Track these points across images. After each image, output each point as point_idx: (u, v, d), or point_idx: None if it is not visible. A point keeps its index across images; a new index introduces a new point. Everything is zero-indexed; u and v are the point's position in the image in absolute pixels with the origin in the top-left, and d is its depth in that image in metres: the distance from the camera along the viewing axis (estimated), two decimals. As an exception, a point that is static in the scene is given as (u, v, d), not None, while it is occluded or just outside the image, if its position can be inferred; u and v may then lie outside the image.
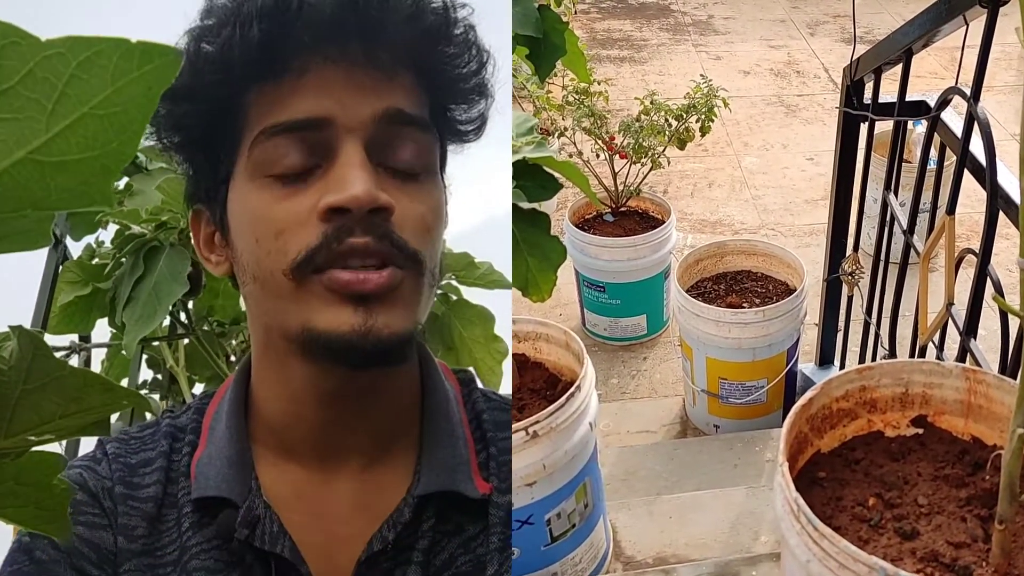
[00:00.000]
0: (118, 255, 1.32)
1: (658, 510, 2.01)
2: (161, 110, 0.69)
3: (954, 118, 1.64)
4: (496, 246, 1.13)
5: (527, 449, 1.49)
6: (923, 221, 1.79)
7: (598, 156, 2.96)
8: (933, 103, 1.63)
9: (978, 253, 1.40)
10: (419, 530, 0.72)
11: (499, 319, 1.38)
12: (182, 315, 1.53)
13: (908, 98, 1.81)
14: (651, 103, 2.84)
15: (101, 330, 1.52)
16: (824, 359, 2.57)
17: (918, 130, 2.87)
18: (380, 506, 0.73)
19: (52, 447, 0.48)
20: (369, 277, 0.64)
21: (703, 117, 2.81)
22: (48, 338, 0.48)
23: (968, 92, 1.37)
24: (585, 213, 2.99)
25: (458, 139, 0.77)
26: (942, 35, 1.57)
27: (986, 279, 1.41)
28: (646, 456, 2.39)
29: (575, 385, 1.55)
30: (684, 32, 5.93)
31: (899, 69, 1.76)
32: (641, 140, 2.79)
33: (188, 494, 0.73)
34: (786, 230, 3.69)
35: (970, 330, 1.47)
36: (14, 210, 0.32)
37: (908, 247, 1.80)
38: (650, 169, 2.87)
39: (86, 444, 1.25)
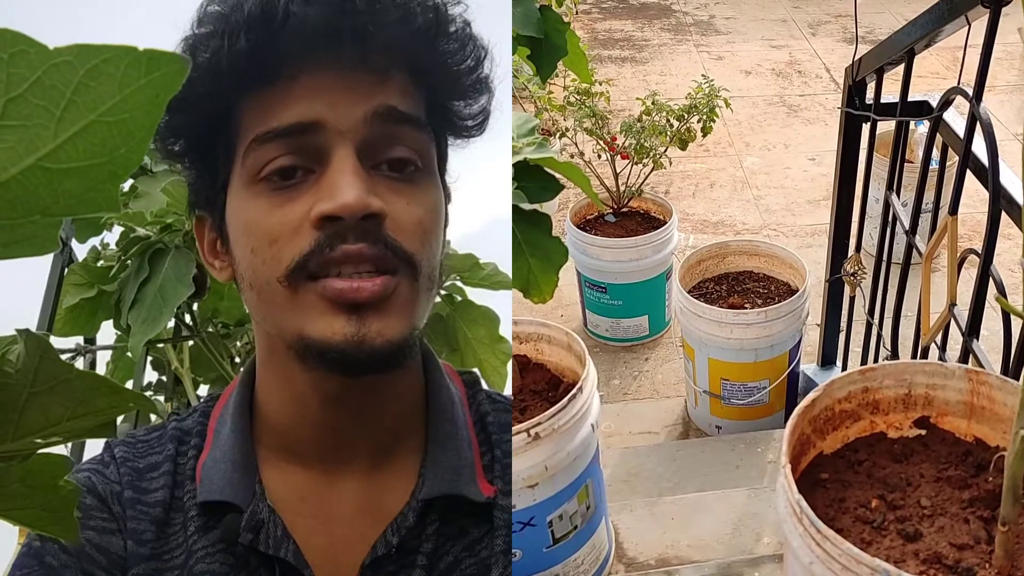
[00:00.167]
0: (123, 257, 1.32)
1: (660, 511, 2.01)
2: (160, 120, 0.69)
3: (956, 118, 1.64)
4: (501, 247, 1.13)
5: (529, 451, 1.49)
6: (925, 221, 1.79)
7: (599, 156, 2.96)
8: (935, 103, 1.63)
9: (980, 253, 1.40)
10: (423, 534, 0.72)
11: (502, 320, 1.38)
12: (187, 317, 1.53)
13: (910, 98, 1.81)
14: (653, 103, 2.84)
15: (106, 332, 1.52)
16: (826, 360, 2.57)
17: (920, 130, 2.87)
18: (384, 509, 0.73)
19: (58, 449, 0.49)
20: (363, 285, 0.64)
21: (705, 117, 2.81)
22: (53, 340, 0.48)
23: (970, 92, 1.37)
24: (586, 214, 2.99)
25: (460, 135, 0.76)
26: (944, 35, 1.57)
27: (988, 280, 1.40)
28: (648, 457, 2.39)
29: (577, 386, 1.55)
30: (685, 32, 5.93)
31: (901, 69, 1.76)
32: (643, 140, 2.79)
33: (194, 498, 0.73)
34: (788, 230, 3.69)
35: (972, 331, 1.47)
36: (23, 216, 0.32)
37: (910, 247, 1.80)
38: (652, 169, 2.87)
39: (92, 445, 1.25)
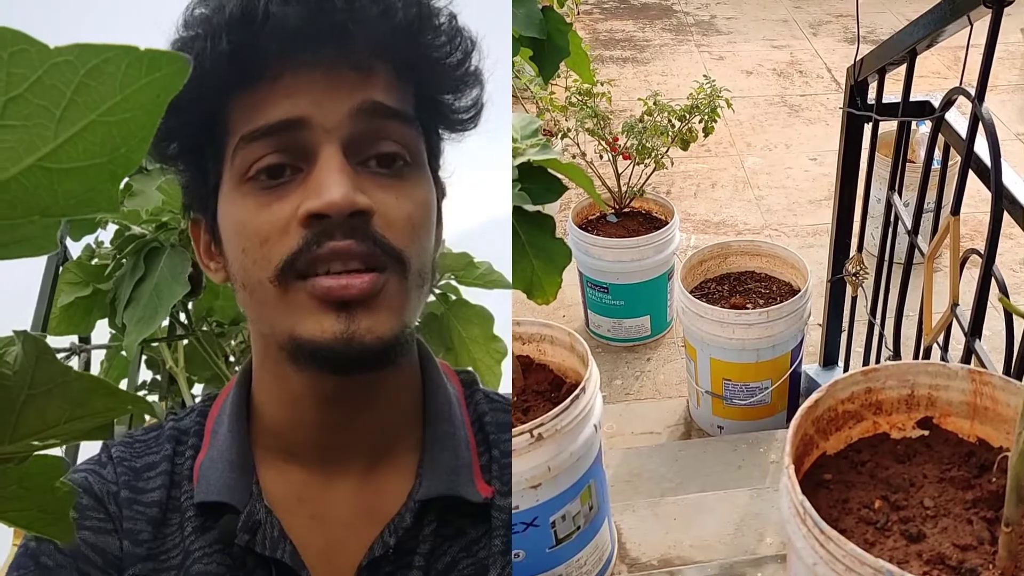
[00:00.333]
0: (118, 256, 1.32)
1: (663, 512, 2.01)
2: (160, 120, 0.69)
3: (958, 118, 1.64)
4: (497, 246, 1.13)
5: (532, 451, 1.49)
6: (927, 221, 1.78)
7: (601, 157, 2.96)
8: (937, 103, 1.63)
9: (983, 253, 1.39)
10: (421, 534, 0.72)
11: (498, 319, 1.38)
12: (182, 316, 1.53)
13: (912, 98, 1.81)
14: (654, 104, 2.84)
15: (100, 331, 1.52)
16: (828, 360, 2.57)
17: (922, 130, 2.87)
18: (382, 510, 0.73)
19: (54, 450, 0.48)
20: (351, 282, 0.64)
21: (706, 118, 2.81)
22: (48, 339, 0.48)
23: (972, 92, 1.36)
24: (588, 214, 2.99)
25: (454, 128, 0.76)
26: (946, 35, 1.57)
27: (991, 280, 1.40)
28: (650, 458, 2.39)
29: (580, 387, 1.55)
30: (687, 32, 5.93)
31: (903, 69, 1.76)
32: (644, 141, 2.79)
33: (191, 498, 0.73)
34: (789, 231, 3.69)
35: (975, 331, 1.47)
36: (22, 216, 0.32)
37: (912, 247, 1.79)
38: (653, 170, 2.86)
39: (87, 447, 1.25)
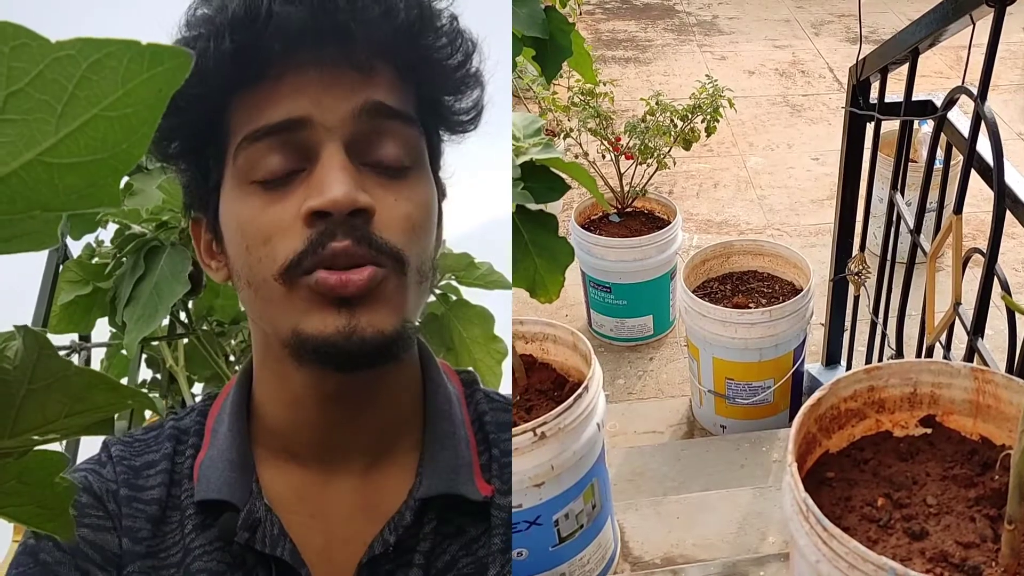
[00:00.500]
0: (119, 254, 1.32)
1: (665, 510, 2.01)
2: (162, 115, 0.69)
3: (960, 117, 1.64)
4: (498, 246, 1.13)
5: (535, 450, 1.49)
6: (929, 221, 1.78)
7: (604, 157, 2.95)
8: (939, 103, 1.63)
9: (985, 253, 1.39)
10: (420, 532, 0.72)
11: (499, 320, 1.38)
12: (182, 314, 1.53)
13: (914, 98, 1.81)
14: (656, 104, 2.84)
15: (100, 329, 1.52)
16: (831, 359, 2.57)
17: (924, 129, 2.86)
18: (381, 508, 0.73)
19: (54, 445, 0.48)
20: (350, 278, 0.64)
21: (708, 117, 2.81)
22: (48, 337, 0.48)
23: (975, 91, 1.36)
24: (591, 214, 2.99)
25: (455, 130, 0.76)
26: (948, 34, 1.57)
27: (993, 278, 1.40)
28: (653, 456, 2.39)
29: (583, 386, 1.55)
30: (689, 32, 5.93)
31: (905, 69, 1.76)
32: (647, 141, 2.78)
33: (191, 496, 0.73)
34: (792, 230, 3.68)
35: (977, 330, 1.47)
36: (23, 211, 0.32)
37: (915, 247, 1.79)
38: (656, 170, 2.86)
39: (88, 443, 1.25)
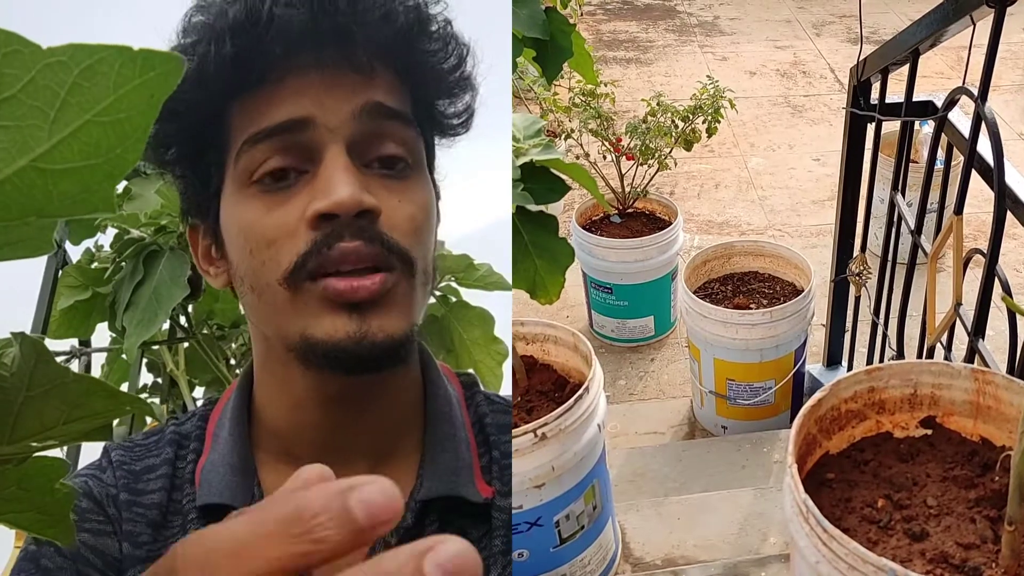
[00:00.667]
0: (118, 259, 1.32)
1: (666, 511, 2.01)
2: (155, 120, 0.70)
3: (961, 118, 1.63)
4: (498, 248, 1.12)
5: (536, 451, 1.49)
6: (930, 221, 1.78)
7: (605, 158, 2.95)
8: (940, 103, 1.63)
9: (986, 253, 1.39)
10: (422, 534, 0.72)
11: (499, 321, 1.38)
12: (182, 319, 1.53)
13: (915, 98, 1.81)
14: (657, 104, 2.84)
15: (100, 334, 1.52)
16: (832, 360, 2.57)
17: (925, 130, 2.86)
18: None
19: (54, 452, 0.48)
20: (362, 284, 0.64)
21: (709, 118, 2.80)
22: (48, 343, 0.47)
23: (975, 92, 1.36)
24: (592, 215, 2.99)
25: (446, 133, 0.76)
26: (949, 35, 1.57)
27: (994, 279, 1.40)
28: (654, 457, 2.39)
29: (583, 387, 1.55)
30: (690, 33, 5.92)
31: (906, 69, 1.76)
32: (648, 141, 2.78)
33: (193, 501, 0.73)
34: (793, 231, 3.68)
35: (978, 330, 1.47)
36: (17, 218, 0.32)
37: (915, 247, 1.79)
38: (657, 170, 2.86)
39: (89, 448, 1.25)
